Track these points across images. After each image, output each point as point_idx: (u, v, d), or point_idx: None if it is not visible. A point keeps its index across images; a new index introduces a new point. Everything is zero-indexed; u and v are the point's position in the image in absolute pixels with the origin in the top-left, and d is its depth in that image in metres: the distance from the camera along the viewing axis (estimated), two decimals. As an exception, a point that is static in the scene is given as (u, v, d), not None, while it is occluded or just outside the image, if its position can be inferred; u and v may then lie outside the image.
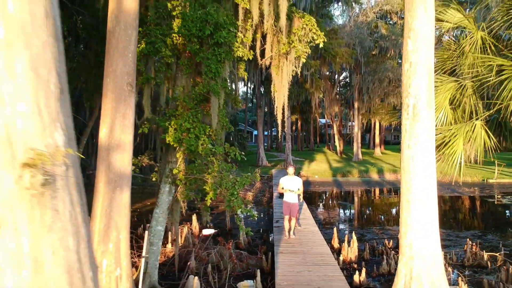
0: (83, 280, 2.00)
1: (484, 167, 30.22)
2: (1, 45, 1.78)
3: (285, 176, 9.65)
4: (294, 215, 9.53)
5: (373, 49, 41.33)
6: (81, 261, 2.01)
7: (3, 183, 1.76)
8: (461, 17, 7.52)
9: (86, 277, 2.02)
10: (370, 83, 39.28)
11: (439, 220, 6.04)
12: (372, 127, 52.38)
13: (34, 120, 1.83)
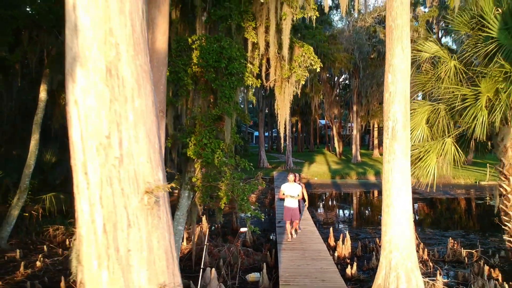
0: (173, 258, 3.43)
1: (478, 168, 31.58)
2: (131, 125, 3.19)
3: (286, 183, 10.88)
4: (295, 218, 10.73)
5: (371, 53, 42.71)
6: (172, 247, 3.44)
7: (132, 202, 3.15)
8: (437, 48, 8.90)
9: (174, 256, 3.45)
10: (369, 87, 40.65)
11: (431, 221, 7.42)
12: (371, 128, 53.70)
13: (148, 166, 3.25)
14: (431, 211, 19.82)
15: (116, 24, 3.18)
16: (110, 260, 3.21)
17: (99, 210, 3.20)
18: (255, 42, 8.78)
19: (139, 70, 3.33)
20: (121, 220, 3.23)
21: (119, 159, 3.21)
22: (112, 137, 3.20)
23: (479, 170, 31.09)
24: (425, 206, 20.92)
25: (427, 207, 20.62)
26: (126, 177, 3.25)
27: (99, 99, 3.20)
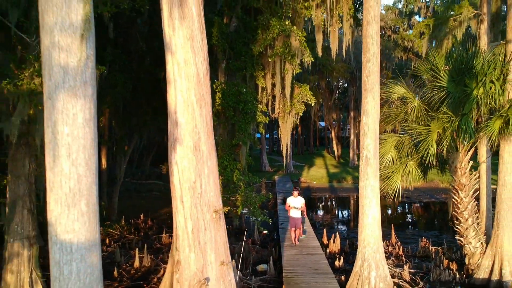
0: (227, 247, 6.29)
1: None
2: (206, 176, 6.07)
3: (291, 196, 13.26)
4: (298, 226, 13.17)
5: (368, 62, 45.40)
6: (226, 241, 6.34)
7: (206, 217, 6.07)
8: (405, 91, 11.69)
9: (227, 246, 6.33)
10: (365, 95, 43.32)
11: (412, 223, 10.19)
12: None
13: (214, 198, 6.19)
14: (415, 213, 22.63)
15: (198, 122, 6.05)
16: (195, 248, 6.03)
17: (189, 221, 6.02)
18: (263, 86, 11.57)
19: (210, 146, 6.18)
20: (201, 226, 6.05)
21: (200, 194, 6.06)
22: (196, 182, 6.04)
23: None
24: (411, 209, 23.73)
25: (412, 210, 23.43)
26: (203, 204, 6.09)
27: (189, 162, 6.04)
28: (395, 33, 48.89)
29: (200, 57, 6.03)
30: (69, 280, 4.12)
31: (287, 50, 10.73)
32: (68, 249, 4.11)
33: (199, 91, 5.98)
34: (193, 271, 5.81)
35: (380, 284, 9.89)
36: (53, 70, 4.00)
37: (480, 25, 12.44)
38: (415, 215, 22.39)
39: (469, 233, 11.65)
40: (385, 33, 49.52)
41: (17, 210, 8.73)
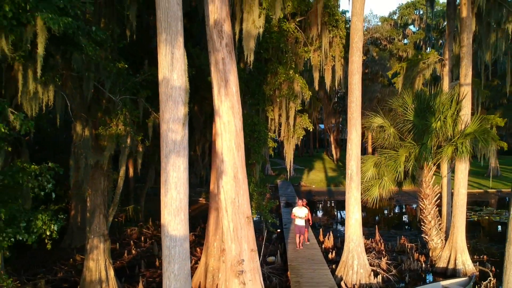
0: (255, 239, 9.97)
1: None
2: (241, 194, 9.73)
3: (296, 207, 16.51)
4: (302, 233, 16.39)
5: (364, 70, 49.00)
6: (254, 235, 10.01)
7: (242, 220, 9.72)
8: (382, 121, 15.23)
9: (254, 238, 9.98)
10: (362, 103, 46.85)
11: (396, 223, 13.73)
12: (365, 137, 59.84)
13: (247, 208, 9.88)
14: (400, 215, 26.19)
15: (236, 160, 9.65)
16: (235, 241, 9.58)
17: (231, 223, 9.58)
18: (272, 118, 15.11)
19: (243, 175, 9.78)
20: (238, 227, 9.59)
21: (238, 206, 9.63)
22: (235, 199, 9.62)
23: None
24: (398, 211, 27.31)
25: (398, 212, 27.01)
26: (240, 212, 9.63)
27: (231, 186, 9.62)
28: (390, 43, 52.46)
29: (237, 119, 9.54)
30: (173, 257, 7.64)
31: (291, 93, 14.23)
32: (174, 240, 7.63)
33: (236, 141, 9.51)
34: (233, 255, 9.30)
35: (361, 270, 13.47)
36: (168, 143, 7.53)
37: (443, 68, 15.97)
38: (400, 216, 25.94)
39: (432, 232, 15.23)
40: (380, 43, 53.13)
41: (95, 215, 12.25)
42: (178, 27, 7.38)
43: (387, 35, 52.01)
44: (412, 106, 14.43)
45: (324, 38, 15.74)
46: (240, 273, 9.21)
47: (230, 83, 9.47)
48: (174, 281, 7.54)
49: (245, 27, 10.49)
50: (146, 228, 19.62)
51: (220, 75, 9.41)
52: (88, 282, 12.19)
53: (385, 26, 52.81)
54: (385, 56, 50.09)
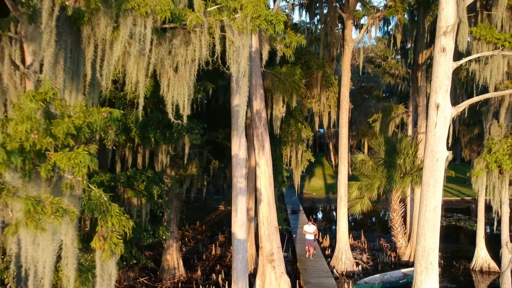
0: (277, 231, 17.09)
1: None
2: (272, 211, 16.79)
3: (306, 224, 23.20)
4: (312, 245, 23.01)
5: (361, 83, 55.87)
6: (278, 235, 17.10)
7: (272, 229, 16.77)
8: (363, 156, 22.10)
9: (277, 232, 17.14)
10: (357, 117, 53.73)
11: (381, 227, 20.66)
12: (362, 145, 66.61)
13: (275, 219, 16.89)
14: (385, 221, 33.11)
15: (269, 193, 16.66)
16: (268, 241, 16.63)
17: (266, 231, 16.68)
18: (286, 154, 21.96)
19: (273, 202, 16.84)
20: (271, 233, 16.64)
21: (270, 221, 16.68)
22: (268, 216, 16.68)
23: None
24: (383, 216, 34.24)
25: (383, 218, 33.92)
26: (271, 224, 16.65)
27: (266, 209, 16.68)
28: (384, 61, 59.31)
29: (270, 168, 16.34)
30: (238, 250, 14.54)
31: (300, 139, 21.01)
32: (239, 241, 14.52)
33: (269, 181, 16.36)
34: (267, 250, 16.10)
35: (347, 262, 20.43)
36: (236, 188, 14.37)
37: (408, 118, 22.80)
38: (384, 222, 32.88)
39: (398, 236, 22.20)
40: (375, 60, 59.99)
41: (171, 224, 19.08)
42: (242, 127, 14.24)
43: (381, 54, 58.84)
44: (384, 148, 21.33)
45: (323, 96, 22.62)
46: (272, 260, 16.09)
47: (265, 147, 16.34)
48: (239, 263, 14.44)
49: (274, 113, 17.38)
50: (187, 231, 26.51)
51: (259, 143, 16.28)
52: (166, 268, 19.10)
53: (380, 45, 59.53)
54: (379, 73, 56.97)
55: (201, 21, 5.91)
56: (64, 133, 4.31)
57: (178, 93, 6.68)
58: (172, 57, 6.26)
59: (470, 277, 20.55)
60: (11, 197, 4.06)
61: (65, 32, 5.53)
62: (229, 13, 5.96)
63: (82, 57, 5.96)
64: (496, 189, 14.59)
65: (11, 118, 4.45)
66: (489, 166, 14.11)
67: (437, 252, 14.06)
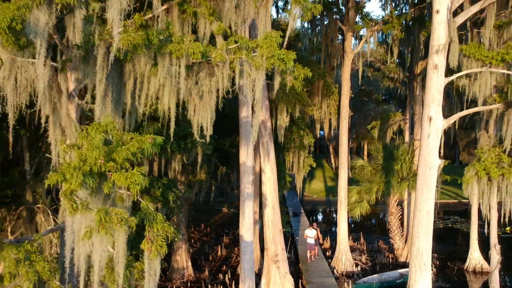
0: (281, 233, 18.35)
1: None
2: (276, 215, 18.00)
3: (307, 229, 24.42)
4: (313, 249, 24.21)
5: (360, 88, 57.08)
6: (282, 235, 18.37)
7: (277, 230, 17.96)
8: (363, 162, 23.29)
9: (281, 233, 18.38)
10: (357, 120, 54.96)
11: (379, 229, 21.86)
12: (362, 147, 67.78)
13: (280, 223, 18.15)
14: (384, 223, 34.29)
15: (274, 198, 17.86)
16: (273, 243, 17.81)
17: (271, 234, 17.88)
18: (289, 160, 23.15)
19: (277, 206, 18.06)
20: (275, 235, 17.85)
21: (275, 224, 17.83)
22: (273, 220, 17.97)
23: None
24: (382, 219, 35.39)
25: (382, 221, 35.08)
26: (276, 227, 17.94)
27: (271, 213, 17.92)
28: (383, 65, 60.55)
29: (275, 174, 17.52)
30: (246, 251, 15.73)
31: (302, 145, 22.18)
32: (246, 242, 15.70)
33: (274, 187, 17.54)
34: (272, 251, 17.26)
35: (347, 262, 21.62)
36: (244, 194, 15.57)
37: (405, 125, 24.00)
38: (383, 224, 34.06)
39: (396, 238, 23.40)
40: (374, 64, 61.22)
41: (181, 226, 20.25)
42: (250, 138, 15.41)
43: (380, 58, 60.07)
44: (382, 154, 22.53)
45: (324, 103, 23.82)
46: (276, 261, 17.27)
47: (270, 155, 17.54)
48: (246, 263, 15.63)
49: (278, 123, 18.58)
50: (193, 233, 27.68)
51: (264, 150, 17.47)
52: (175, 268, 20.29)
53: (379, 50, 60.75)
54: (378, 77, 58.20)
55: (224, 58, 7.10)
56: (123, 159, 5.49)
57: (203, 117, 7.90)
58: (198, 87, 7.45)
59: (464, 277, 21.75)
60: (85, 210, 5.25)
61: (112, 69, 6.69)
62: (248, 52, 7.16)
63: (123, 88, 7.13)
64: (485, 195, 15.79)
65: (80, 145, 5.63)
66: (479, 174, 15.30)
67: (430, 253, 15.28)
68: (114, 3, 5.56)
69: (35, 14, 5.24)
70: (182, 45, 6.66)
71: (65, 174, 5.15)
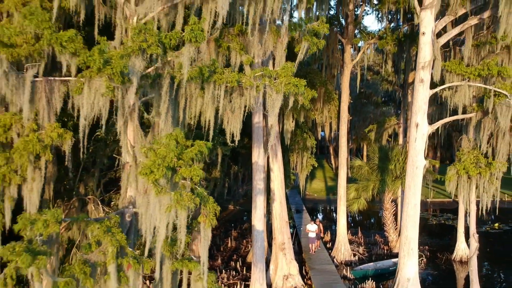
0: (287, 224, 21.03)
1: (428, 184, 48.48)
2: (284, 209, 20.69)
3: (309, 224, 27.01)
4: (314, 242, 26.79)
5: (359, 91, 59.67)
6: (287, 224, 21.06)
7: (283, 221, 20.67)
8: (360, 162, 25.89)
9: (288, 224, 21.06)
10: (357, 122, 57.59)
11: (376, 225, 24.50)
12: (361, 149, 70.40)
13: (286, 215, 20.70)
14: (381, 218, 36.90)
15: (281, 194, 20.53)
16: (280, 233, 20.49)
17: (278, 224, 20.52)
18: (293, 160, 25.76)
19: (284, 200, 20.71)
20: (282, 226, 20.53)
21: (282, 216, 20.57)
22: (280, 212, 20.65)
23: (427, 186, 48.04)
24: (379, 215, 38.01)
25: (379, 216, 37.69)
26: (282, 219, 20.62)
27: (278, 206, 20.59)
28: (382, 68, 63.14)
29: (282, 173, 20.11)
30: (257, 239, 18.37)
31: (305, 147, 24.78)
32: (257, 231, 18.33)
33: (281, 184, 20.16)
34: (280, 240, 19.85)
35: (345, 252, 24.28)
36: (256, 189, 18.17)
37: (399, 129, 26.59)
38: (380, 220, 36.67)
39: (390, 231, 26.04)
40: (373, 68, 63.84)
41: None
42: (261, 140, 18.05)
43: (379, 62, 62.66)
44: (378, 155, 25.15)
45: (325, 109, 26.45)
46: (283, 249, 19.88)
47: (278, 156, 20.16)
48: (258, 249, 18.26)
49: (285, 127, 21.21)
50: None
51: (273, 152, 20.08)
52: (191, 257, 22.86)
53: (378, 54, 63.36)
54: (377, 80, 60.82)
55: (252, 83, 9.68)
56: (189, 158, 8.06)
57: (234, 126, 10.50)
58: (232, 104, 10.02)
59: (451, 266, 24.39)
60: (164, 193, 7.82)
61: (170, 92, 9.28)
62: (270, 80, 9.74)
63: (177, 106, 9.73)
64: (465, 191, 18.39)
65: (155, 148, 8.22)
66: (459, 172, 17.91)
67: (416, 240, 17.95)
68: (185, 52, 8.14)
69: (132, 60, 7.82)
70: (223, 75, 9.21)
71: (151, 169, 7.72)
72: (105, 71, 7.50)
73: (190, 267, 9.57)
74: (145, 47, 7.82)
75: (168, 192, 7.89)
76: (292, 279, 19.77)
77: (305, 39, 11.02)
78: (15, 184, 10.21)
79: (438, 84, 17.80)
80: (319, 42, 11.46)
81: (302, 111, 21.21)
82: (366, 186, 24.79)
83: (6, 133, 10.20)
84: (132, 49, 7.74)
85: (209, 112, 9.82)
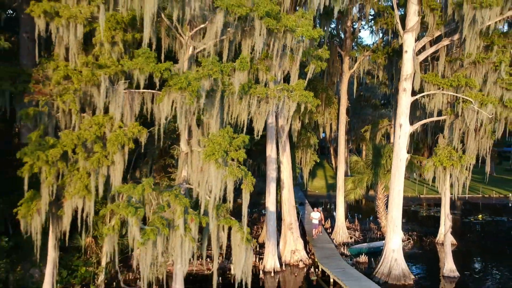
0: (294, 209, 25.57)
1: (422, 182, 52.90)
2: (292, 196, 25.22)
3: (312, 212, 31.30)
4: (317, 228, 31.10)
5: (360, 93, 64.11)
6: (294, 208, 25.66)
7: (291, 206, 25.18)
8: (357, 158, 30.29)
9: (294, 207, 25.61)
10: (356, 124, 62.06)
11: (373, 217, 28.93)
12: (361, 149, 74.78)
13: (293, 201, 25.23)
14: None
15: (289, 182, 25.02)
16: (288, 215, 25.03)
17: (286, 208, 25.11)
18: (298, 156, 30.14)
19: (291, 188, 25.14)
20: (290, 209, 25.06)
21: (289, 200, 25.01)
22: (288, 197, 25.05)
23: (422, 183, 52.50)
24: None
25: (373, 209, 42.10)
26: (290, 202, 25.11)
27: (287, 192, 25.01)
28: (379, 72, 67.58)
29: (290, 164, 24.53)
30: (270, 219, 22.80)
31: (309, 144, 29.15)
32: (270, 212, 22.75)
33: (289, 174, 24.59)
34: (288, 221, 24.21)
35: (343, 235, 28.78)
36: (269, 178, 22.58)
37: (391, 129, 30.91)
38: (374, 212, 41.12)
39: (382, 218, 30.55)
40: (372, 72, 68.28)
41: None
42: (273, 137, 22.49)
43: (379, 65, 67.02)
44: (372, 152, 29.57)
45: (326, 111, 30.91)
46: (291, 228, 24.29)
47: (286, 150, 24.59)
48: (271, 227, 22.72)
49: (293, 127, 25.65)
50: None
51: (282, 147, 24.52)
52: (212, 238, 27.27)
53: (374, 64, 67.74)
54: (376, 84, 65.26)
55: (275, 95, 14.05)
56: (236, 146, 12.42)
57: (260, 125, 14.93)
58: (260, 109, 14.43)
59: (434, 247, 28.81)
60: (222, 167, 12.24)
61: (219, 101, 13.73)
62: (288, 92, 14.13)
63: (222, 110, 14.15)
64: (441, 180, 22.81)
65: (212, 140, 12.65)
66: (435, 164, 22.32)
67: (400, 220, 22.41)
68: (236, 76, 12.57)
69: (202, 81, 12.21)
70: (256, 90, 13.59)
71: (213, 151, 12.14)
72: (188, 89, 11.86)
73: (232, 223, 14.01)
74: (211, 73, 12.18)
75: (224, 167, 12.32)
76: (298, 253, 24.20)
77: (313, 63, 15.43)
78: (106, 166, 14.64)
79: (418, 92, 22.22)
80: (322, 64, 15.85)
81: (307, 113, 25.67)
82: (361, 179, 29.22)
83: (100, 129, 14.66)
84: (203, 74, 12.10)
85: (244, 115, 14.25)
